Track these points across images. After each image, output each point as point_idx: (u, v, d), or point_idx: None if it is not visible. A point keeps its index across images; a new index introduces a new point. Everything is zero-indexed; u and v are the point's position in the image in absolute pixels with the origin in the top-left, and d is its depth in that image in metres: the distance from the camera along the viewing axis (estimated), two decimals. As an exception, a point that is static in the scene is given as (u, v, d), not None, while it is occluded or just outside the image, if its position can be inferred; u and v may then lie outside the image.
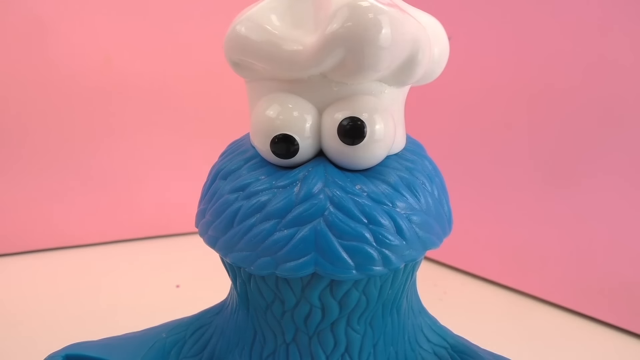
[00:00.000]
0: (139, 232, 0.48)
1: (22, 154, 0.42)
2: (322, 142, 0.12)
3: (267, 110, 0.12)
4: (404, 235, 0.12)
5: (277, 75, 0.12)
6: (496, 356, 0.15)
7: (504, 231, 0.38)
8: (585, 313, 0.33)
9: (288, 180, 0.12)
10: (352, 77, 0.12)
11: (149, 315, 0.19)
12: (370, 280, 0.12)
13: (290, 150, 0.12)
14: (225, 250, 0.12)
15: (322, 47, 0.11)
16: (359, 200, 0.12)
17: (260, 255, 0.12)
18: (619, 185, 0.31)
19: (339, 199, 0.11)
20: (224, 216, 0.12)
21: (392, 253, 0.12)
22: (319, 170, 0.12)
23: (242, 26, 0.12)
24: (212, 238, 0.13)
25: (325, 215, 0.11)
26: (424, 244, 0.12)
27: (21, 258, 0.42)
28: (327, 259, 0.11)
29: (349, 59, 0.11)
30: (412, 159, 0.13)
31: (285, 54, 0.12)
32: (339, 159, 0.12)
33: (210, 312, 0.16)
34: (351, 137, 0.11)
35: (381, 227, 0.11)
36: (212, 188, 0.13)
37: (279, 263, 0.11)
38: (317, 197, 0.11)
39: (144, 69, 0.46)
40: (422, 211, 0.12)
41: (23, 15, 0.40)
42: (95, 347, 0.15)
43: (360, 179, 0.12)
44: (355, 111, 0.12)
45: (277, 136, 0.12)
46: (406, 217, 0.12)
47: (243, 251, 0.12)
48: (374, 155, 0.12)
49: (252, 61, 0.12)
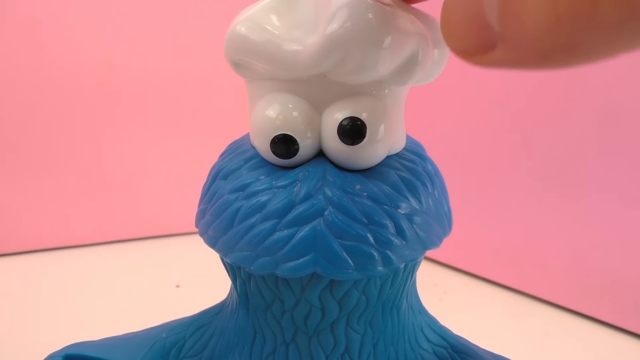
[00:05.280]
0: (139, 232, 0.48)
1: (22, 154, 0.42)
2: (322, 142, 0.12)
3: (267, 110, 0.12)
4: (404, 236, 0.12)
5: (277, 75, 0.12)
6: (496, 356, 0.15)
7: (504, 231, 0.38)
8: (585, 313, 0.33)
9: (288, 180, 0.12)
10: (352, 77, 0.12)
11: (149, 315, 0.19)
12: (370, 281, 0.12)
13: (290, 151, 0.12)
14: (225, 250, 0.12)
15: (321, 47, 0.11)
16: (359, 200, 0.12)
17: (260, 255, 0.12)
18: (619, 185, 0.31)
19: (338, 199, 0.11)
20: (223, 216, 0.12)
21: (393, 253, 0.12)
22: (318, 170, 0.12)
23: (242, 26, 0.12)
24: (212, 238, 0.13)
25: (325, 216, 0.11)
26: (424, 244, 0.12)
27: (21, 258, 0.42)
28: (327, 259, 0.11)
29: (349, 59, 0.11)
30: (412, 159, 0.13)
31: (285, 54, 0.11)
32: (339, 159, 0.12)
33: (210, 312, 0.16)
34: (351, 137, 0.11)
35: (381, 227, 0.11)
36: (212, 188, 0.13)
37: (278, 263, 0.11)
38: (316, 197, 0.11)
39: (144, 70, 0.46)
40: (422, 212, 0.12)
41: (23, 15, 0.40)
42: (94, 347, 0.15)
43: (360, 179, 0.12)
44: (355, 111, 0.12)
45: (277, 136, 0.12)
46: (406, 218, 0.12)
47: (243, 251, 0.12)
48: (374, 155, 0.12)
49: (252, 61, 0.12)
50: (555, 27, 0.06)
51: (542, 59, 0.07)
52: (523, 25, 0.06)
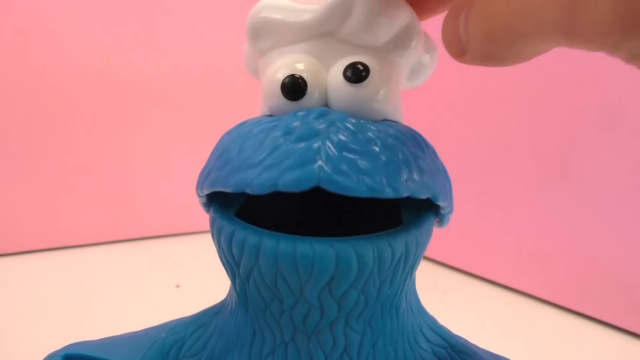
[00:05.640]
0: (139, 232, 0.48)
1: (22, 154, 0.42)
2: (328, 94, 0.13)
3: (278, 67, 0.13)
4: (410, 167, 0.12)
5: (290, 40, 0.13)
6: (495, 356, 0.15)
7: (504, 231, 0.38)
8: (585, 313, 0.33)
9: (291, 115, 0.12)
10: (356, 35, 0.13)
11: (149, 315, 0.19)
12: (369, 280, 0.12)
13: (298, 89, 0.12)
14: (227, 178, 0.12)
15: (329, 4, 0.12)
16: (369, 126, 0.12)
17: (262, 171, 0.11)
18: (620, 186, 0.31)
19: (346, 122, 0.12)
20: (226, 154, 0.12)
21: (399, 179, 0.11)
22: (323, 108, 0.12)
23: (265, 9, 0.13)
24: (213, 177, 0.12)
25: (332, 132, 0.11)
26: (428, 186, 0.12)
27: (21, 258, 0.42)
28: (332, 170, 0.11)
29: (353, 16, 0.12)
30: (414, 131, 0.14)
31: (300, 24, 0.13)
32: (343, 103, 0.13)
33: (209, 312, 0.16)
34: (355, 76, 0.12)
35: (389, 153, 0.11)
36: (216, 146, 0.13)
37: (281, 175, 0.11)
38: (320, 121, 0.12)
39: (145, 70, 0.46)
40: (426, 161, 0.13)
41: (23, 15, 0.40)
42: (94, 346, 0.15)
43: (364, 120, 0.12)
44: (360, 59, 0.13)
45: (286, 77, 0.13)
46: (412, 156, 0.12)
47: (245, 171, 0.11)
48: (376, 101, 0.13)
49: (271, 33, 0.13)
50: (484, 41, 0.10)
51: (484, 61, 0.11)
52: (471, 41, 0.10)
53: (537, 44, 0.10)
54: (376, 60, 0.13)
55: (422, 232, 0.13)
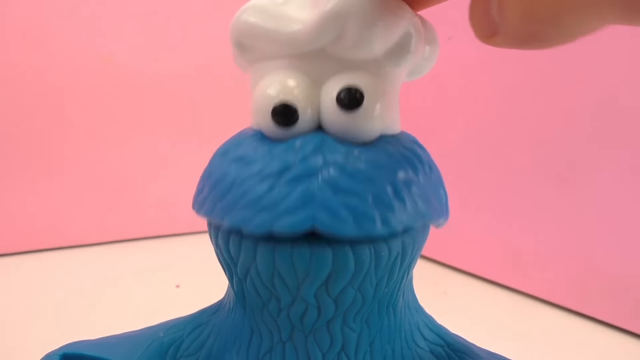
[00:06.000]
0: (139, 232, 0.48)
1: (23, 154, 0.42)
2: (321, 115, 0.12)
3: (268, 86, 0.13)
4: (403, 200, 0.12)
5: (279, 53, 0.13)
6: (493, 354, 0.15)
7: (504, 231, 0.38)
8: (585, 313, 0.33)
9: (286, 145, 0.12)
10: (350, 51, 0.12)
11: (149, 315, 0.19)
12: (365, 278, 0.12)
13: (290, 117, 0.12)
14: (223, 214, 0.12)
15: (320, 21, 0.12)
16: (358, 163, 0.12)
17: (257, 213, 0.11)
18: (620, 186, 0.31)
19: (337, 160, 0.12)
20: (222, 184, 0.12)
21: (392, 215, 0.11)
22: (317, 137, 0.12)
23: (248, 13, 0.13)
24: (209, 207, 0.13)
25: (324, 174, 0.11)
26: (422, 214, 0.12)
27: (21, 258, 0.42)
28: (325, 214, 0.11)
29: (346, 33, 0.12)
30: (409, 143, 0.13)
31: (287, 34, 0.12)
32: (337, 128, 0.12)
33: (207, 311, 0.16)
34: (349, 103, 0.12)
35: (380, 189, 0.11)
36: (210, 165, 0.13)
37: (275, 219, 0.11)
38: (315, 158, 0.12)
39: (145, 70, 0.46)
40: (420, 185, 0.12)
41: (24, 15, 0.40)
42: (92, 346, 0.15)
43: (358, 148, 0.12)
44: (354, 82, 0.12)
45: (277, 105, 0.12)
46: (405, 185, 0.12)
47: (241, 211, 0.12)
48: (371, 125, 0.12)
49: (256, 43, 0.13)
50: (523, 20, 0.09)
51: (520, 42, 0.10)
52: (507, 20, 0.09)
53: (588, 22, 0.08)
54: (372, 77, 0.12)
55: (419, 231, 0.13)
